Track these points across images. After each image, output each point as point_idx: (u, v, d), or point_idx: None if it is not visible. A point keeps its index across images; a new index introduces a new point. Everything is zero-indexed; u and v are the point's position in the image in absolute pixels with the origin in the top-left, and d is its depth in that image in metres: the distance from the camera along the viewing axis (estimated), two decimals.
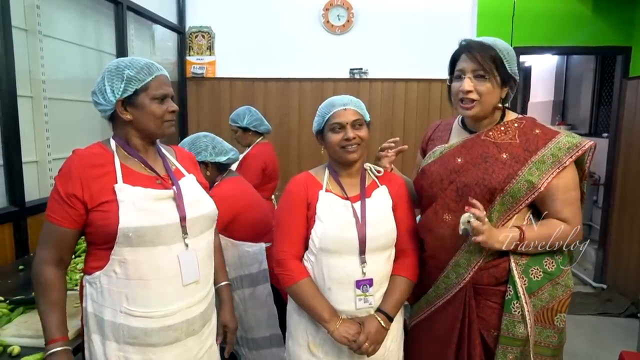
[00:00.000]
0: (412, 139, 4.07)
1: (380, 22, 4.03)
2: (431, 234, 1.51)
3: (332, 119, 1.48)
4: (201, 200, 1.38)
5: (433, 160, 1.55)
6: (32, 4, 2.38)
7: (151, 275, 1.23)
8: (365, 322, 1.43)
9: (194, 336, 1.33)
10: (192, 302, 1.31)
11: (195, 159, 1.56)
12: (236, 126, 3.12)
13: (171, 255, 1.26)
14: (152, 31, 3.78)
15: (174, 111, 1.32)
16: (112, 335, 1.24)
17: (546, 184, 1.37)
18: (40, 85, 2.44)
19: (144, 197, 1.23)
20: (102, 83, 1.26)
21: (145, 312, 1.23)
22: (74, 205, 1.20)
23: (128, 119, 1.27)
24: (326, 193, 1.50)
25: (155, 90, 1.26)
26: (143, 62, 1.28)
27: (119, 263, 1.22)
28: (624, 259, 3.85)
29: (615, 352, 2.26)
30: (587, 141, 1.40)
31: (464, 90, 1.41)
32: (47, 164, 2.49)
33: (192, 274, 1.30)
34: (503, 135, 1.45)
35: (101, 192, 1.21)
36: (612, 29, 3.77)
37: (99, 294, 1.25)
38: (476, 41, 1.44)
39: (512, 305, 1.39)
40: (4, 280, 1.87)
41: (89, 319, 1.28)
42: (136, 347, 1.24)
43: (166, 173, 1.35)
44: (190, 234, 1.29)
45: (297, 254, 1.50)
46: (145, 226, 1.21)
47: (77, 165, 1.23)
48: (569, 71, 6.02)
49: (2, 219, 2.09)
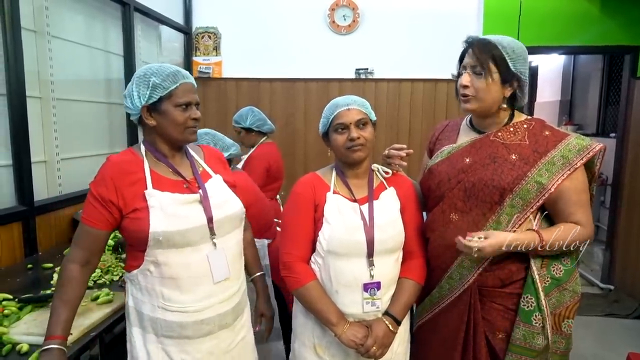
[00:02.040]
0: (418, 140, 4.06)
1: (386, 22, 4.03)
2: (437, 233, 1.51)
3: (336, 120, 1.48)
4: (228, 201, 1.42)
5: (441, 159, 1.54)
6: (40, 6, 2.41)
7: (182, 275, 1.30)
8: (373, 326, 1.42)
9: (226, 329, 1.39)
10: (223, 298, 1.37)
11: (223, 157, 1.59)
12: (239, 127, 3.13)
13: (201, 256, 1.31)
14: (158, 32, 3.80)
15: (197, 118, 1.35)
16: (151, 328, 1.33)
17: (556, 185, 1.35)
18: (49, 86, 2.46)
19: (172, 202, 1.29)
20: (131, 88, 1.31)
21: (180, 307, 1.30)
22: (110, 209, 1.27)
23: (152, 124, 1.32)
24: (334, 195, 1.49)
25: (179, 98, 1.30)
26: (170, 69, 1.31)
27: (153, 263, 1.29)
28: (632, 259, 3.82)
29: (622, 353, 2.24)
30: (597, 144, 1.39)
31: (461, 84, 1.43)
32: (55, 164, 2.51)
33: (222, 272, 1.36)
34: (512, 136, 1.44)
35: (134, 199, 1.27)
36: (620, 28, 3.74)
37: (138, 290, 1.33)
38: (479, 38, 1.44)
39: (534, 318, 1.37)
40: (12, 278, 1.89)
41: (130, 313, 1.36)
42: (173, 340, 1.32)
43: (193, 176, 1.39)
44: (218, 234, 1.35)
45: (304, 256, 1.49)
46: (174, 230, 1.26)
47: (110, 172, 1.28)
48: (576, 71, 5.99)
49: (11, 219, 2.12)
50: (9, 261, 2.10)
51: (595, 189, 1.48)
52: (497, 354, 1.43)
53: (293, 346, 1.59)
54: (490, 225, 1.41)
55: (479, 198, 1.41)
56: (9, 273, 1.96)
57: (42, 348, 1.19)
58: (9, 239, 2.11)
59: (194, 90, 1.36)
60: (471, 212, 1.43)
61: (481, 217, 1.42)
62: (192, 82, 1.36)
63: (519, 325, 1.39)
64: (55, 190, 2.52)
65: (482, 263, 1.42)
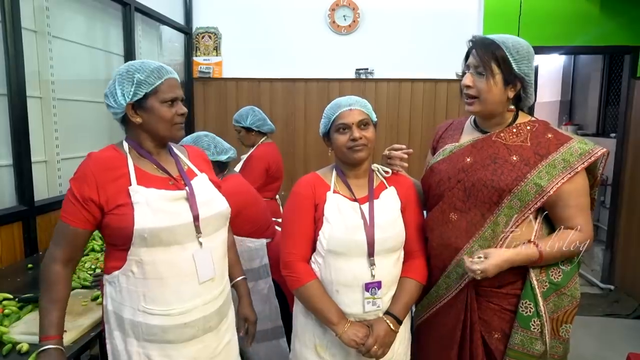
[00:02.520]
0: (418, 140, 4.07)
1: (386, 23, 4.03)
2: (436, 232, 1.51)
3: (337, 120, 1.48)
4: (214, 200, 1.39)
5: (442, 158, 1.54)
6: (41, 6, 2.41)
7: (167, 274, 1.26)
8: (374, 325, 1.42)
9: (211, 332, 1.36)
10: (208, 299, 1.33)
11: (207, 157, 1.57)
12: (239, 126, 3.12)
13: (186, 254, 1.28)
14: (159, 32, 3.80)
15: (184, 114, 1.33)
16: (132, 332, 1.28)
17: (555, 189, 1.34)
18: (50, 86, 2.46)
19: (158, 198, 1.25)
20: (113, 86, 1.27)
21: (163, 310, 1.26)
22: (89, 208, 1.23)
23: (138, 122, 1.28)
24: (334, 194, 1.49)
25: (164, 93, 1.27)
26: (153, 65, 1.28)
27: (136, 263, 1.24)
28: (632, 259, 3.82)
29: (622, 353, 2.24)
30: (600, 148, 1.37)
31: (464, 85, 1.43)
32: (56, 163, 2.52)
33: (208, 271, 1.32)
34: (514, 137, 1.43)
35: (117, 195, 1.23)
36: (620, 29, 3.74)
37: (118, 292, 1.28)
38: (482, 38, 1.43)
39: (532, 323, 1.36)
40: (13, 278, 1.89)
41: (109, 316, 1.31)
42: (155, 344, 1.28)
43: (179, 174, 1.36)
44: (204, 233, 1.31)
45: (305, 256, 1.49)
46: (160, 227, 1.23)
47: (92, 168, 1.24)
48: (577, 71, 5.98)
49: (11, 218, 2.12)
50: (9, 261, 2.10)
51: (597, 193, 1.47)
52: (494, 353, 1.43)
53: (294, 346, 1.59)
54: (488, 226, 1.40)
55: (478, 198, 1.41)
56: (9, 273, 1.96)
57: (39, 350, 1.19)
58: (9, 238, 2.12)
59: (179, 86, 1.33)
60: (470, 212, 1.43)
61: (480, 217, 1.41)
62: (176, 77, 1.32)
63: (517, 330, 1.38)
64: (55, 190, 2.52)
65: None
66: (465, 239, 1.42)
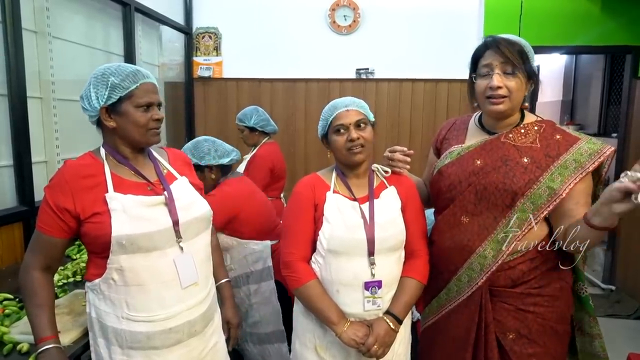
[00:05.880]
0: (419, 140, 4.07)
1: (386, 22, 4.03)
2: (447, 235, 1.50)
3: (335, 121, 1.47)
4: (195, 203, 1.37)
5: (450, 161, 1.52)
6: (41, 7, 2.41)
7: (149, 281, 1.24)
8: (374, 325, 1.42)
9: (196, 336, 1.34)
10: (192, 304, 1.31)
11: (188, 159, 1.54)
12: (243, 126, 3.14)
13: (167, 260, 1.26)
14: (159, 32, 3.80)
15: (159, 119, 1.30)
16: (115, 340, 1.26)
17: (568, 190, 1.34)
18: (50, 87, 2.46)
19: (135, 204, 1.23)
20: (89, 89, 1.25)
21: (147, 316, 1.24)
22: (65, 218, 1.21)
23: (112, 126, 1.26)
24: (334, 194, 1.49)
25: (139, 98, 1.25)
26: (129, 69, 1.26)
27: (116, 271, 1.22)
28: (633, 260, 3.81)
29: (623, 354, 2.24)
30: (608, 147, 1.37)
31: (493, 87, 1.37)
32: (56, 164, 2.51)
33: (190, 276, 1.30)
34: (523, 138, 1.43)
35: (93, 204, 1.21)
36: (621, 28, 3.73)
37: (101, 300, 1.26)
38: (503, 38, 1.42)
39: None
40: (13, 278, 1.89)
41: (93, 324, 1.29)
42: (140, 351, 1.26)
43: (157, 178, 1.33)
44: (185, 237, 1.29)
45: (305, 255, 1.49)
46: (138, 233, 1.21)
47: (67, 177, 1.22)
48: (578, 71, 5.97)
49: (12, 219, 2.12)
50: (10, 261, 2.10)
51: (600, 190, 1.46)
52: (508, 354, 1.42)
53: (294, 347, 1.59)
54: (500, 229, 1.39)
55: (490, 201, 1.40)
56: (9, 273, 1.96)
57: (38, 351, 1.18)
58: (9, 239, 2.12)
59: (155, 91, 1.30)
60: (482, 214, 1.42)
61: (492, 220, 1.41)
62: (153, 81, 1.30)
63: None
64: None
65: (491, 266, 1.41)
66: (478, 241, 1.42)
